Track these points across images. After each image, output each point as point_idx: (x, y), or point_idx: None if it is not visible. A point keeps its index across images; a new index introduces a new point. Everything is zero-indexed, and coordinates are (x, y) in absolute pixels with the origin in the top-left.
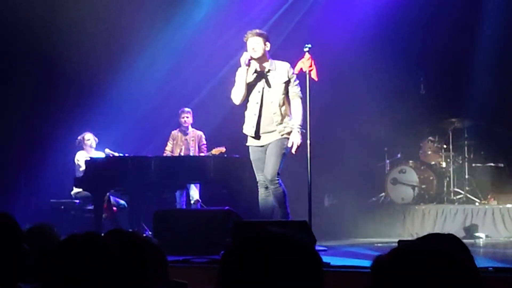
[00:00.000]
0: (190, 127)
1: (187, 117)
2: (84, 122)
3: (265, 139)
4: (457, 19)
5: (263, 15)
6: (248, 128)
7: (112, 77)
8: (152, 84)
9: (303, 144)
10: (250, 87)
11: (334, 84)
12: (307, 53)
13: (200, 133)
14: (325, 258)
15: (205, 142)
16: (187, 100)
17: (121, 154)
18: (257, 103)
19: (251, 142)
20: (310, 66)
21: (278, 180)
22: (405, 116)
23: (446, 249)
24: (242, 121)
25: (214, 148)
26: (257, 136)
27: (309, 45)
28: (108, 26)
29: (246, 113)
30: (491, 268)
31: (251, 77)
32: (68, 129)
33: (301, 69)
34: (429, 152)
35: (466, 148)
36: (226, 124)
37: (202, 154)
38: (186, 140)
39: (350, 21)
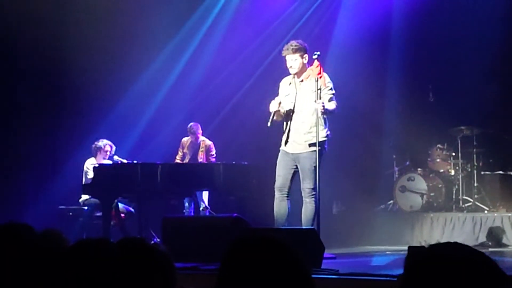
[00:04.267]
0: (200, 136)
1: (196, 134)
2: (92, 129)
3: (293, 148)
4: (465, 26)
5: (274, 19)
6: (283, 135)
7: (121, 84)
8: (162, 91)
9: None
10: (284, 96)
11: (342, 92)
12: (316, 61)
13: (209, 143)
14: (334, 266)
15: (213, 153)
16: (198, 108)
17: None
18: (289, 111)
19: (282, 146)
20: (319, 73)
21: (314, 194)
22: (413, 123)
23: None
24: (252, 129)
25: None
26: (286, 142)
27: (318, 53)
28: (119, 34)
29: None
30: None
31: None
32: (77, 136)
33: (310, 76)
34: (438, 160)
35: (475, 156)
36: (237, 131)
37: None
38: (195, 151)
39: (358, 29)
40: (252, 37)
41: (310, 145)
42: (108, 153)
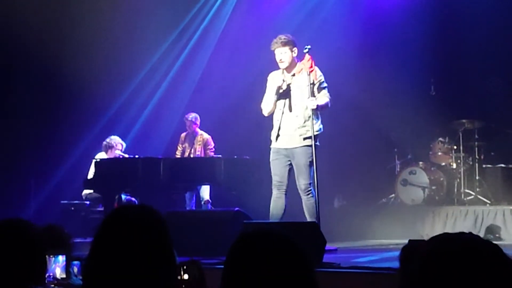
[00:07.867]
0: (198, 130)
1: (191, 125)
2: (93, 124)
3: (287, 142)
4: (467, 19)
5: (270, 17)
6: (273, 131)
7: (122, 80)
8: (162, 86)
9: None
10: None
11: (344, 86)
12: (307, 55)
13: (207, 136)
14: (335, 259)
15: (211, 147)
16: (198, 103)
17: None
18: (281, 106)
19: (273, 144)
20: (311, 67)
21: (310, 189)
22: (415, 117)
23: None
24: (251, 122)
25: None
26: (278, 138)
27: (309, 46)
28: (118, 30)
29: (273, 116)
30: None
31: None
32: (78, 131)
33: (302, 70)
34: (439, 153)
35: (476, 149)
36: (237, 126)
37: None
38: (193, 144)
39: (360, 22)
40: (251, 33)
41: (305, 139)
42: (119, 151)
